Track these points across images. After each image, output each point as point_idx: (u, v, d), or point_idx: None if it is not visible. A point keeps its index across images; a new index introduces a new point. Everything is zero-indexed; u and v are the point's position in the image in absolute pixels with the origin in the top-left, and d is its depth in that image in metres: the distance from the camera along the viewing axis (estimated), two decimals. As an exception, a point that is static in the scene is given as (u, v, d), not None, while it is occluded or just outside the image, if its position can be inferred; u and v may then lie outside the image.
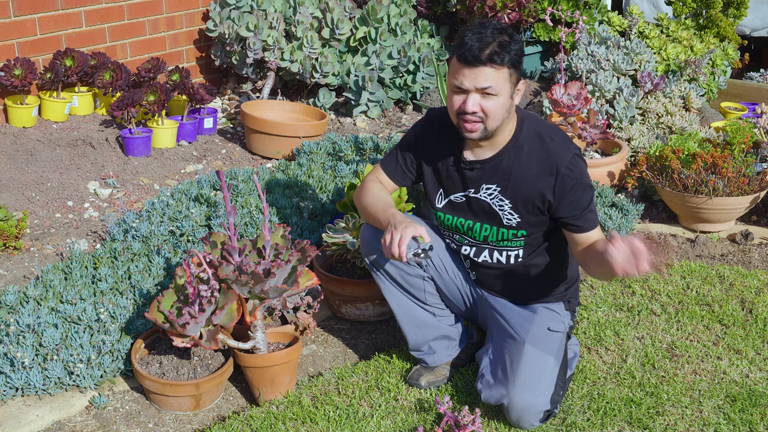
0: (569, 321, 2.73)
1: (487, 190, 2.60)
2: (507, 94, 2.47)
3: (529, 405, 2.48)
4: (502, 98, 2.46)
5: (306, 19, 5.31)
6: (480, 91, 2.45)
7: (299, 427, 2.58)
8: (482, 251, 2.69)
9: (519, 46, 2.47)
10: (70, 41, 4.87)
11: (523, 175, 2.55)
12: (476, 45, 2.42)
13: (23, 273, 3.38)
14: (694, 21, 5.82)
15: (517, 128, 2.58)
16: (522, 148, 2.56)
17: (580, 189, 2.54)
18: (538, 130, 2.59)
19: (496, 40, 2.43)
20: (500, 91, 2.45)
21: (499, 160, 2.57)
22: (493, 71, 2.42)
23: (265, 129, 4.67)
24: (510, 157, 2.57)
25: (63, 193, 4.09)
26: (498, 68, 2.43)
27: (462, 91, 2.46)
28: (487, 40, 2.42)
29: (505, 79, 2.45)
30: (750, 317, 3.20)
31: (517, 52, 2.45)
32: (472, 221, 2.66)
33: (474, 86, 2.44)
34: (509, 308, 2.70)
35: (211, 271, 2.53)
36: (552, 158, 2.53)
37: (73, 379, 2.71)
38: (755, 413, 2.62)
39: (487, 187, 2.60)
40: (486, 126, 2.50)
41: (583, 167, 2.57)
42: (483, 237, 2.66)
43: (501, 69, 2.43)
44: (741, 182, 3.83)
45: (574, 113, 4.16)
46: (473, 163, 2.61)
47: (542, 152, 2.54)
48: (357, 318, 3.24)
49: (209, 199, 3.69)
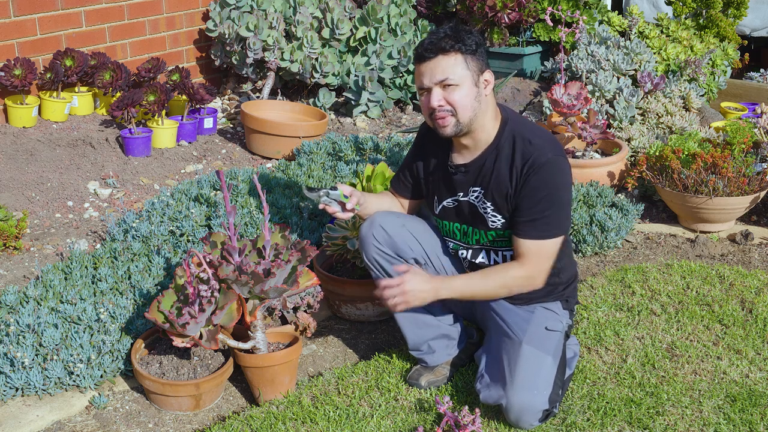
0: (567, 320, 2.73)
1: (474, 192, 2.62)
2: (469, 81, 2.48)
3: (527, 405, 2.48)
4: (465, 87, 2.48)
5: (306, 19, 5.31)
6: (440, 84, 2.49)
7: (299, 427, 2.58)
8: (479, 253, 2.70)
9: (474, 37, 2.49)
10: (70, 41, 4.87)
11: (501, 176, 2.55)
12: (426, 42, 2.50)
13: (23, 273, 3.38)
14: (694, 21, 5.83)
15: (499, 129, 2.58)
16: (502, 150, 2.56)
17: (540, 189, 2.48)
18: (521, 131, 2.56)
19: (450, 31, 2.48)
20: (460, 80, 2.47)
21: (482, 162, 2.59)
22: (446, 59, 2.46)
23: (265, 129, 4.67)
24: (491, 159, 2.58)
25: (63, 193, 4.09)
26: (449, 55, 2.46)
27: (426, 91, 2.52)
28: (437, 36, 2.49)
29: (462, 66, 2.47)
30: (750, 317, 3.20)
31: (470, 39, 2.47)
32: (467, 226, 2.68)
33: (432, 81, 2.49)
34: (507, 308, 2.70)
35: (211, 271, 2.53)
36: (524, 158, 2.51)
37: (73, 379, 2.71)
38: (755, 413, 2.62)
39: (474, 189, 2.62)
40: (458, 118, 2.51)
41: (556, 173, 2.49)
42: (475, 240, 2.68)
43: (453, 55, 2.46)
44: (741, 182, 3.83)
45: (574, 113, 4.16)
46: (459, 166, 2.64)
47: (518, 153, 2.53)
48: (357, 318, 3.24)
49: (209, 199, 3.69)
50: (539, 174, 2.48)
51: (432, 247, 2.76)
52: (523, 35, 5.74)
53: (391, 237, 2.68)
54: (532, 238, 2.52)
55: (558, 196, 2.52)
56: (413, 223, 2.76)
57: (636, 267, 3.60)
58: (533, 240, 2.52)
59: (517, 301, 2.71)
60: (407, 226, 2.72)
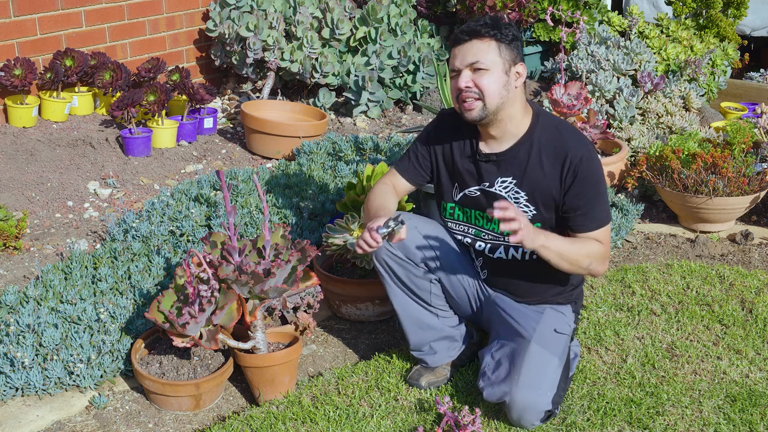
0: (573, 323, 2.73)
1: (503, 183, 2.61)
2: (500, 69, 2.50)
3: (531, 404, 2.47)
4: (495, 74, 2.50)
5: (306, 19, 5.31)
6: (470, 67, 2.51)
7: (299, 427, 2.58)
8: (498, 247, 2.69)
9: (512, 29, 2.52)
10: (70, 41, 4.87)
11: (538, 167, 2.56)
12: (464, 27, 2.53)
13: (23, 273, 3.38)
14: (694, 21, 5.82)
15: (533, 121, 2.60)
16: (537, 141, 2.57)
17: (588, 184, 2.54)
18: (555, 123, 2.61)
19: (484, 22, 2.51)
20: (491, 66, 2.49)
21: (516, 152, 2.59)
22: (480, 44, 2.49)
23: (265, 129, 4.67)
24: (526, 149, 2.58)
25: (63, 193, 4.09)
26: (484, 40, 2.49)
27: (456, 74, 2.54)
28: (476, 22, 2.52)
29: (495, 52, 2.49)
30: (750, 317, 3.20)
31: (507, 30, 2.50)
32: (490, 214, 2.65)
33: (463, 63, 2.52)
34: (516, 308, 2.70)
35: (211, 271, 2.53)
36: (566, 151, 2.54)
37: (73, 379, 2.71)
38: (755, 413, 2.62)
39: (503, 180, 2.61)
40: (484, 103, 2.52)
41: (596, 162, 2.57)
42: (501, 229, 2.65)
43: (488, 41, 2.49)
44: (741, 182, 3.83)
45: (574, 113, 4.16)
46: (489, 155, 2.62)
47: (557, 145, 2.55)
48: (357, 318, 3.24)
49: (209, 199, 3.69)
50: (582, 170, 2.53)
51: (443, 249, 2.75)
52: (523, 35, 5.74)
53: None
54: (596, 229, 2.57)
55: (600, 186, 2.59)
56: (424, 225, 2.73)
57: (636, 267, 3.60)
58: (597, 231, 2.57)
59: (527, 300, 2.71)
60: (419, 228, 2.70)
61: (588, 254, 2.55)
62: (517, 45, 2.54)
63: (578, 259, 2.55)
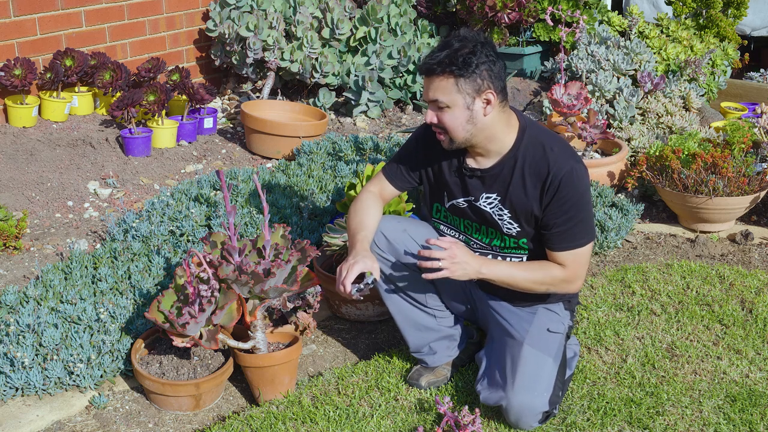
0: (569, 321, 2.73)
1: (487, 199, 2.59)
2: (461, 105, 2.42)
3: (527, 406, 2.47)
4: (456, 110, 2.43)
5: (306, 19, 5.31)
6: (433, 103, 2.47)
7: (299, 427, 2.58)
8: (486, 255, 2.68)
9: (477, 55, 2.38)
10: (70, 41, 4.87)
11: (520, 185, 2.53)
12: (428, 57, 2.44)
13: (23, 273, 3.38)
14: (694, 21, 5.82)
15: (518, 137, 2.54)
16: (522, 158, 2.52)
17: (567, 203, 2.48)
18: (540, 139, 2.54)
19: (450, 49, 2.40)
20: (451, 103, 2.42)
21: (500, 169, 2.55)
22: (438, 82, 2.42)
23: (265, 129, 4.67)
24: (510, 166, 2.54)
25: (63, 193, 4.09)
26: (441, 78, 2.41)
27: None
28: (440, 51, 2.41)
29: (453, 89, 2.40)
30: (750, 317, 3.20)
31: (468, 59, 2.37)
32: (478, 224, 2.65)
33: (426, 98, 2.48)
34: (509, 310, 2.70)
35: (211, 271, 2.53)
36: (548, 168, 2.49)
37: (73, 379, 2.71)
38: (755, 413, 2.62)
39: (487, 196, 2.59)
40: (450, 137, 2.49)
41: (579, 181, 2.49)
42: (489, 239, 2.66)
43: (445, 78, 2.40)
44: (741, 182, 3.83)
45: (574, 113, 4.16)
46: (474, 170, 2.59)
47: (540, 162, 2.50)
48: (357, 318, 3.24)
49: (209, 199, 3.69)
50: (563, 186, 2.46)
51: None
52: (523, 35, 5.74)
53: (391, 243, 2.67)
54: (565, 250, 2.52)
55: (584, 204, 2.51)
56: (414, 228, 2.73)
57: (636, 267, 3.60)
58: (567, 252, 2.52)
59: (519, 302, 2.70)
60: (408, 231, 2.70)
61: (542, 281, 2.53)
62: (482, 71, 2.39)
63: (530, 287, 2.55)
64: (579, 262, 2.54)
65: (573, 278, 2.56)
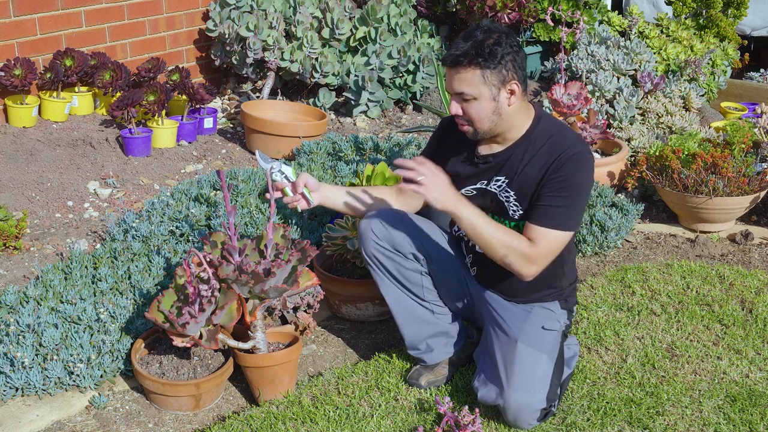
0: (565, 320, 2.73)
1: (497, 181, 2.62)
2: (487, 96, 2.45)
3: (524, 404, 2.48)
4: (482, 102, 2.46)
5: (306, 19, 5.31)
6: (458, 95, 2.48)
7: (299, 427, 2.58)
8: None
9: (501, 46, 2.41)
10: (70, 41, 4.87)
11: (529, 169, 2.55)
12: (453, 48, 2.45)
13: (23, 273, 3.38)
14: (694, 21, 5.82)
15: (532, 124, 2.57)
16: (534, 142, 2.55)
17: (562, 182, 2.47)
18: (555, 125, 2.58)
19: (474, 41, 2.41)
20: (477, 95, 2.45)
21: (511, 152, 2.58)
22: (464, 74, 2.43)
23: (265, 129, 4.67)
24: (521, 150, 2.57)
25: (63, 193, 4.09)
26: (467, 70, 2.42)
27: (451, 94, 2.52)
28: (465, 42, 2.43)
29: (479, 81, 2.43)
30: (750, 317, 3.20)
31: (494, 49, 2.40)
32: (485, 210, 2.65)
33: (452, 90, 2.49)
34: (505, 306, 2.70)
35: (211, 271, 2.53)
36: (559, 149, 2.50)
37: (73, 379, 2.71)
38: (755, 413, 2.62)
39: (497, 178, 2.61)
40: (475, 128, 2.52)
41: (583, 165, 2.50)
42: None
43: (471, 70, 2.42)
44: (741, 182, 3.83)
45: (574, 113, 4.16)
46: (486, 156, 2.63)
47: (553, 146, 2.52)
48: (357, 318, 3.24)
49: (209, 199, 3.69)
50: (567, 165, 2.47)
51: (432, 243, 2.76)
52: (523, 35, 5.74)
53: (389, 232, 2.68)
54: (541, 226, 2.49)
55: (577, 190, 2.50)
56: (413, 219, 2.75)
57: (636, 267, 3.60)
58: (542, 227, 2.49)
59: (515, 299, 2.71)
60: (406, 222, 2.72)
61: (507, 244, 2.47)
62: (507, 62, 2.43)
63: (492, 243, 2.47)
64: (548, 245, 2.50)
65: (534, 258, 2.49)
